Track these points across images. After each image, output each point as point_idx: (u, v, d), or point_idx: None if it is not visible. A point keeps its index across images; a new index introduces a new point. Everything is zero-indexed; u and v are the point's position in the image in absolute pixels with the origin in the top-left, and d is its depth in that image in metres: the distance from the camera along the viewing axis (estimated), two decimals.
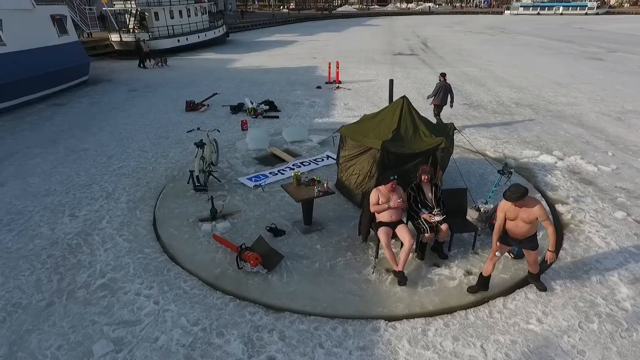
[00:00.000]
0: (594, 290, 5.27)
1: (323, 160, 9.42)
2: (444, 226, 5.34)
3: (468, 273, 5.44)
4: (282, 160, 9.47)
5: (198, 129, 9.61)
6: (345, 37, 41.74)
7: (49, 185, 8.27)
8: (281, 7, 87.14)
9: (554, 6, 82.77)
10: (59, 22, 16.58)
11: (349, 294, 5.13)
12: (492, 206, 6.52)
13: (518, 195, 4.44)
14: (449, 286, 5.21)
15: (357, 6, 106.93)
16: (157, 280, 5.47)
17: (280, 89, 17.36)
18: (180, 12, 30.21)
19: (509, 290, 5.23)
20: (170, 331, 4.63)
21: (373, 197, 5.37)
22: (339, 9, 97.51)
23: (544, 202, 7.25)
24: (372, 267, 5.51)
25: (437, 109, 11.66)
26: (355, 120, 8.03)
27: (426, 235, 5.35)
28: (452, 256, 5.79)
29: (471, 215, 6.59)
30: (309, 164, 9.25)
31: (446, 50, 30.46)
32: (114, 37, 26.68)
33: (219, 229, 6.60)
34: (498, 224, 4.79)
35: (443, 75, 11.71)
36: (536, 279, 5.23)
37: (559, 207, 7.37)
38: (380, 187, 5.41)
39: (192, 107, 13.91)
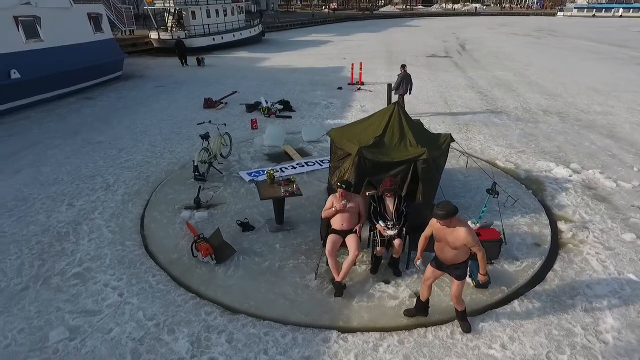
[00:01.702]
0: (575, 318, 4.85)
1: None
2: (396, 241, 5.10)
3: (415, 294, 5.06)
4: (291, 159, 9.52)
5: (209, 121, 9.83)
6: (382, 37, 41.20)
7: (57, 175, 8.72)
8: (323, 7, 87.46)
9: (612, 8, 77.53)
10: (95, 20, 17.49)
11: (282, 296, 5.10)
12: (478, 226, 6.11)
13: (444, 213, 3.94)
14: (386, 305, 4.95)
15: (401, 6, 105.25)
16: (128, 272, 5.61)
17: (301, 88, 17.38)
18: (217, 11, 31.03)
19: (474, 313, 4.90)
20: (125, 324, 4.73)
21: (328, 202, 5.27)
22: (381, 9, 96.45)
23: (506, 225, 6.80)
24: (314, 273, 5.42)
25: (401, 97, 12.80)
26: None
27: (377, 248, 5.14)
28: (408, 274, 5.47)
29: None
30: (314, 164, 9.20)
31: (483, 53, 29.30)
32: (153, 35, 27.84)
33: (195, 217, 6.87)
34: (423, 234, 4.48)
35: (403, 66, 12.85)
36: (461, 317, 4.63)
37: (561, 225, 6.85)
38: (336, 193, 5.26)
39: (209, 104, 14.23)
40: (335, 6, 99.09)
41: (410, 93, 12.93)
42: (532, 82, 18.85)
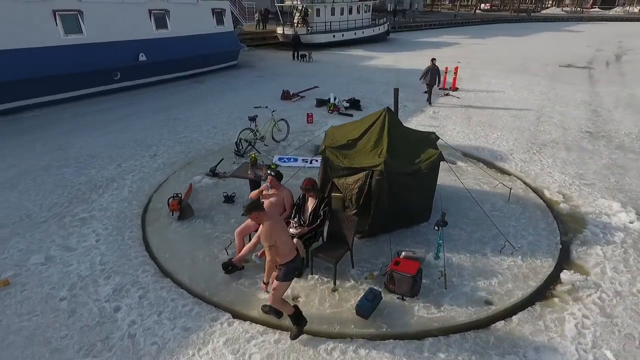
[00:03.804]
0: None
1: None
2: (295, 241, 4.95)
3: (293, 297, 5.04)
4: None
5: (266, 107, 10.78)
6: (521, 42, 37.02)
7: (127, 141, 10.56)
8: (473, 8, 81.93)
9: None
10: (218, 14, 19.99)
11: (190, 258, 5.79)
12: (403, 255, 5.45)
13: (244, 210, 4.10)
14: (255, 296, 5.09)
15: (569, 8, 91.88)
16: (116, 225, 6.69)
17: (386, 89, 17.05)
18: (342, 9, 32.04)
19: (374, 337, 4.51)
20: (83, 263, 5.73)
21: (263, 186, 5.58)
22: (543, 12, 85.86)
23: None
24: (225, 248, 5.80)
25: (428, 88, 14.44)
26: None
27: None
28: (309, 279, 5.29)
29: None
30: None
31: None
32: (279, 30, 30.31)
33: (202, 182, 8.03)
34: None
35: (433, 60, 14.30)
36: (293, 322, 4.44)
37: (565, 275, 5.61)
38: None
39: (286, 96, 15.15)
40: (489, 7, 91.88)
41: (439, 86, 14.64)
42: None
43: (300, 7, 30.37)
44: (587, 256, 6.12)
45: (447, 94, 16.20)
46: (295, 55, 24.99)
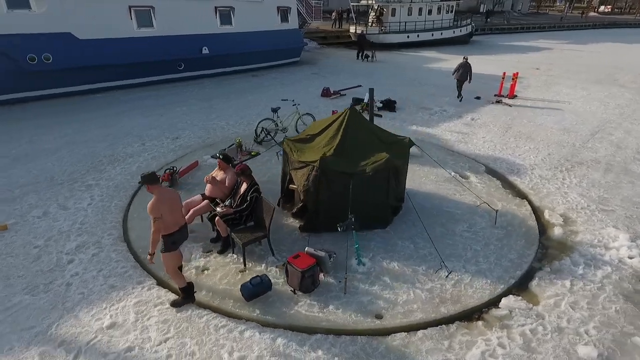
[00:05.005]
0: None
1: None
2: (216, 219, 5.31)
3: (202, 268, 5.42)
4: None
5: (292, 100, 11.34)
6: (629, 50, 32.47)
7: (161, 124, 11.74)
8: (584, 11, 73.20)
9: None
10: (283, 12, 20.87)
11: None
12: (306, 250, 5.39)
13: (141, 179, 4.39)
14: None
15: None
16: (110, 193, 7.63)
17: (435, 91, 16.41)
18: (420, 9, 31.12)
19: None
20: (67, 221, 6.70)
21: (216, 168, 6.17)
22: None
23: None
24: None
25: (459, 83, 15.13)
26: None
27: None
28: (228, 257, 5.66)
29: None
30: None
31: None
32: (352, 29, 30.50)
33: (206, 161, 8.90)
34: None
35: (465, 57, 14.93)
36: (182, 294, 4.84)
37: (506, 301, 5.11)
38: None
39: (325, 93, 15.40)
40: (609, 9, 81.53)
41: (469, 81, 14.94)
42: None
43: (375, 7, 30.21)
44: (550, 286, 5.48)
45: (498, 101, 15.04)
46: (360, 54, 25.03)
